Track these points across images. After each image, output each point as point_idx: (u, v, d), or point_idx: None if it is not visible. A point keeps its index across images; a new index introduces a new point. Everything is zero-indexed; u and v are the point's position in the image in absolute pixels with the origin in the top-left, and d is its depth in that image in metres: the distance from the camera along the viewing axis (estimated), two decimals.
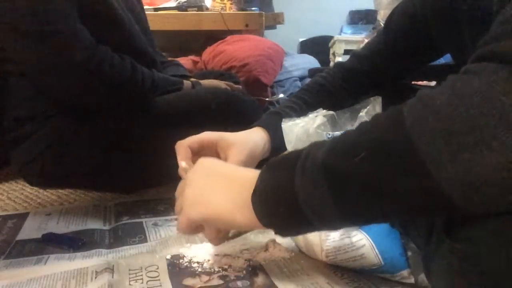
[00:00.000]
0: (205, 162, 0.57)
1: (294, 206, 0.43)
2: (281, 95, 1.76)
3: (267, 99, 1.68)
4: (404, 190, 0.37)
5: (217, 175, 0.54)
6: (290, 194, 0.43)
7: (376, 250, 0.62)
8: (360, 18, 3.13)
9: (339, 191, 0.41)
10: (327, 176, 0.41)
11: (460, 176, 0.34)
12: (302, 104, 0.83)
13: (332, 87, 0.86)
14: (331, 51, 2.83)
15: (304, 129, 0.69)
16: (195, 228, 0.56)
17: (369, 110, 0.75)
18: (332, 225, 0.45)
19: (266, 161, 0.50)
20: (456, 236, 0.39)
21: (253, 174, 0.50)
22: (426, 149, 0.35)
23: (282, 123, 0.71)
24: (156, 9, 1.96)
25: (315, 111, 0.72)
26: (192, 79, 1.17)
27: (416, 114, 0.37)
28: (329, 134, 0.70)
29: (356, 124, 0.77)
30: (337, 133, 0.71)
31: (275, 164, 0.48)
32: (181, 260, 0.68)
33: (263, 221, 0.48)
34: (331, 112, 0.69)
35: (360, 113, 0.75)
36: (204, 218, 0.53)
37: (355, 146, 0.40)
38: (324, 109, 0.76)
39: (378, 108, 0.76)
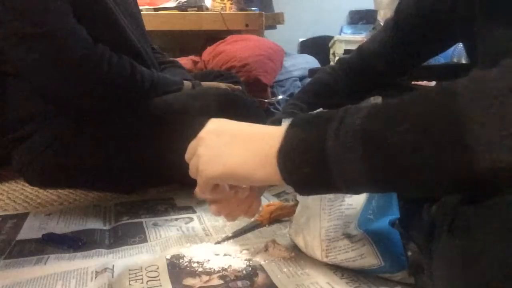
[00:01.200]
0: (216, 121, 0.57)
1: (322, 167, 0.43)
2: (280, 97, 1.76)
3: (266, 100, 1.68)
4: (445, 167, 0.37)
5: (231, 132, 0.54)
6: (319, 155, 0.43)
7: (376, 250, 0.62)
8: (360, 18, 3.12)
9: (374, 159, 0.40)
10: (364, 142, 0.40)
11: (507, 161, 0.34)
12: (305, 106, 0.83)
13: (337, 85, 0.85)
14: (331, 51, 2.82)
15: None
16: (213, 189, 0.55)
17: None
18: (358, 190, 0.45)
19: None
20: (458, 231, 0.39)
21: (272, 130, 0.50)
22: (477, 130, 0.35)
23: (282, 122, 0.71)
24: (156, 9, 1.96)
25: (314, 111, 0.72)
26: (193, 80, 1.17)
27: (470, 95, 0.36)
28: None
29: None
30: None
31: (303, 123, 0.47)
32: (181, 260, 0.68)
33: (286, 179, 0.47)
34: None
35: None
36: (222, 175, 0.52)
37: (399, 116, 0.39)
38: (326, 109, 0.75)
39: None
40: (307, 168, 0.45)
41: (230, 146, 0.52)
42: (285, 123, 0.71)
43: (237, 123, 0.56)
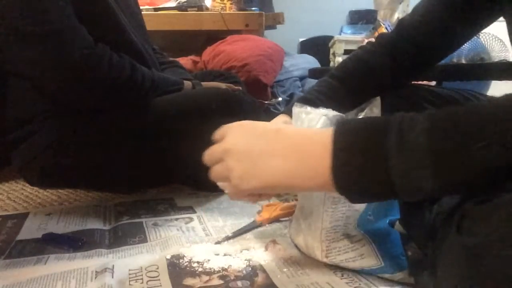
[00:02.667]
0: (244, 125, 0.53)
1: (385, 183, 0.42)
2: (280, 99, 1.76)
3: (266, 102, 1.68)
4: None
5: (265, 139, 0.50)
6: (381, 174, 0.42)
7: (376, 250, 0.62)
8: (360, 18, 3.12)
9: (446, 176, 0.40)
10: (434, 160, 0.39)
11: None
12: (339, 85, 0.77)
13: (375, 63, 0.79)
14: (331, 51, 2.83)
15: (309, 124, 0.67)
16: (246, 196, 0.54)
17: (367, 112, 0.75)
18: (417, 198, 0.44)
19: None
20: (465, 231, 0.39)
21: (310, 136, 0.48)
22: None
23: (293, 107, 0.68)
24: (156, 9, 1.96)
25: (325, 109, 0.69)
26: (193, 80, 1.17)
27: None
28: None
29: None
30: None
31: (351, 139, 0.45)
32: (181, 260, 0.68)
33: (342, 192, 0.46)
34: (340, 114, 0.67)
35: (362, 112, 0.74)
36: (261, 188, 0.50)
37: (476, 132, 0.38)
38: (363, 90, 0.72)
39: (376, 110, 0.75)
40: (367, 184, 0.43)
41: (266, 157, 0.48)
42: (296, 108, 0.68)
43: (262, 125, 0.52)
